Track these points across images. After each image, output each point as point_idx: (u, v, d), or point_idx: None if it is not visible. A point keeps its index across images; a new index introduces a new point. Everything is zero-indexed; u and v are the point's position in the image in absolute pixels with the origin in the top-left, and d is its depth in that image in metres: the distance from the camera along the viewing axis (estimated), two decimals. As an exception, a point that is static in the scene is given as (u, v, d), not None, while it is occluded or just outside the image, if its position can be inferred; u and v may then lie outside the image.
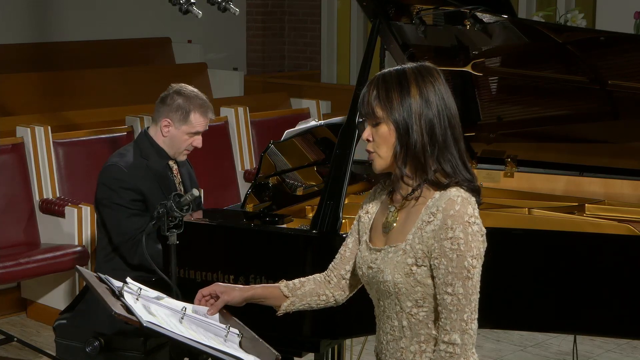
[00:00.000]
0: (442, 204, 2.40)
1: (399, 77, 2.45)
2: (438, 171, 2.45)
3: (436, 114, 2.43)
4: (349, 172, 3.59)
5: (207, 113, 4.22)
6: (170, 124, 4.18)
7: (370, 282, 2.55)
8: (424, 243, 2.42)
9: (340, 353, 4.12)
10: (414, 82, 2.44)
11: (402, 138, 2.43)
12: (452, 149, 2.45)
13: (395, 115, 2.43)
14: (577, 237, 3.55)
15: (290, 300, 2.70)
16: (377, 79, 2.48)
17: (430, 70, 2.48)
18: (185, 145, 4.21)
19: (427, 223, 2.42)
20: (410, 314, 2.46)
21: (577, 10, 6.31)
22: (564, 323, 3.54)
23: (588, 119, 4.24)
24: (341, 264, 2.70)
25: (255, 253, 3.55)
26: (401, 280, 2.44)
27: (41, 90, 7.79)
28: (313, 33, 10.34)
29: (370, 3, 3.92)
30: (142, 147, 4.20)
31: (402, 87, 2.44)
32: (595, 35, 4.09)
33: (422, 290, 2.44)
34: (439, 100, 2.44)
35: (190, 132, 4.19)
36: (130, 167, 4.13)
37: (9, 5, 8.44)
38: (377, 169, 2.52)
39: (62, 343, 4.14)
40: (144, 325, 2.45)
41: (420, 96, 2.43)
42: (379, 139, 2.47)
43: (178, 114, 4.16)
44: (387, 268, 2.46)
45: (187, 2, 4.84)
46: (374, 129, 2.47)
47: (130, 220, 4.07)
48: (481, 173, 4.42)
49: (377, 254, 2.52)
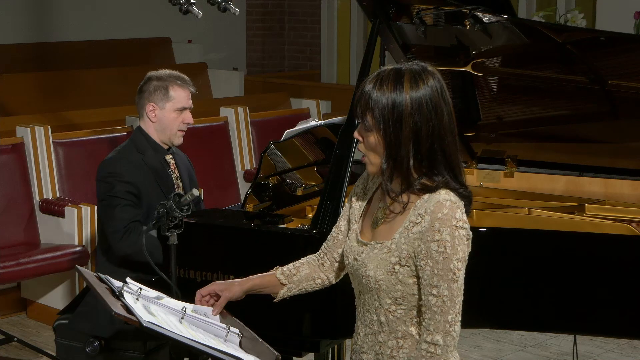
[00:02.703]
0: (431, 207, 2.41)
1: (395, 85, 2.41)
2: (423, 179, 2.43)
3: (428, 129, 2.39)
4: (349, 172, 3.59)
5: (185, 86, 4.22)
6: (155, 107, 4.18)
7: (354, 274, 2.57)
8: (409, 244, 2.43)
9: (340, 353, 4.13)
10: (409, 93, 2.40)
11: (390, 153, 2.42)
12: (439, 164, 2.42)
13: (386, 130, 2.41)
14: (577, 237, 3.54)
15: (287, 287, 2.73)
16: (375, 82, 2.44)
17: (428, 76, 2.43)
18: (176, 124, 4.20)
19: (414, 224, 2.42)
20: (389, 310, 2.48)
21: (577, 10, 6.31)
22: (564, 323, 3.54)
23: (588, 119, 4.24)
24: (334, 247, 2.73)
25: (255, 253, 3.55)
26: (383, 277, 2.46)
27: (41, 90, 7.79)
28: (313, 33, 10.34)
29: (370, 3, 3.92)
30: (137, 143, 4.21)
31: (396, 101, 2.39)
32: (595, 35, 4.09)
33: (402, 289, 2.45)
34: (432, 114, 2.40)
35: (176, 108, 4.18)
36: (126, 161, 4.13)
37: (9, 5, 8.44)
38: (371, 174, 2.54)
39: (62, 343, 4.14)
40: (144, 325, 2.45)
41: (412, 109, 2.39)
42: (368, 146, 2.47)
43: (158, 94, 4.17)
44: (371, 264, 2.48)
45: (187, 2, 4.84)
46: (365, 133, 2.47)
47: (124, 210, 4.06)
48: (481, 173, 4.42)
49: (364, 247, 2.54)
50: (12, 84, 7.68)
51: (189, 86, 4.24)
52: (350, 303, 2.67)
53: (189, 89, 4.23)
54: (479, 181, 4.39)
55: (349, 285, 2.64)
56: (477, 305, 2.44)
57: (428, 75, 2.44)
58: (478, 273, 2.47)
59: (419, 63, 2.47)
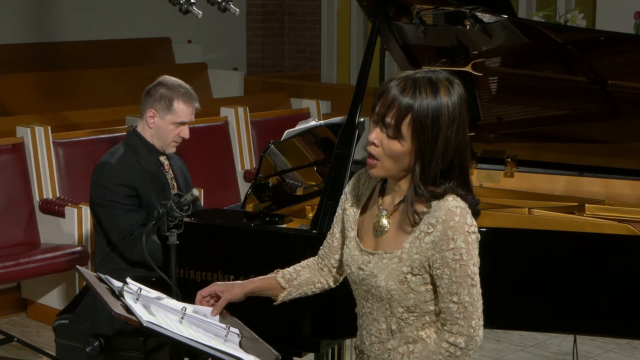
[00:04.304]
0: (442, 215, 2.38)
1: (434, 95, 2.35)
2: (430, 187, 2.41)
3: (455, 143, 2.37)
4: (349, 172, 3.59)
5: (190, 102, 4.21)
6: (155, 115, 4.18)
7: (359, 283, 2.54)
8: (422, 254, 2.41)
9: (340, 353, 4.12)
10: (446, 104, 2.36)
11: (423, 164, 2.37)
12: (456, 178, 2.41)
13: (424, 141, 2.36)
14: (577, 237, 3.54)
15: (287, 291, 2.73)
16: (411, 90, 2.36)
17: (456, 87, 2.39)
18: (172, 136, 4.21)
19: (426, 234, 2.40)
20: (401, 318, 2.47)
21: (577, 10, 6.31)
22: (564, 323, 3.54)
23: (588, 119, 4.24)
24: (330, 254, 2.72)
25: (256, 253, 3.55)
26: (395, 287, 2.44)
27: (41, 90, 7.79)
28: (313, 33, 10.34)
29: (370, 3, 3.92)
30: (131, 145, 4.21)
31: (436, 113, 2.34)
32: (595, 35, 4.09)
33: (415, 297, 2.44)
34: (460, 129, 2.37)
35: (176, 121, 4.19)
36: (121, 164, 4.13)
37: (9, 5, 8.44)
38: (375, 176, 2.49)
39: (62, 343, 4.14)
40: (144, 325, 2.45)
41: (448, 122, 2.35)
42: (389, 153, 2.40)
43: (162, 104, 4.17)
44: (381, 274, 2.46)
45: (187, 2, 4.85)
46: (387, 139, 2.39)
47: (127, 216, 4.07)
48: (481, 173, 4.42)
49: (370, 257, 2.51)
50: (12, 84, 7.68)
51: (194, 102, 4.24)
52: (350, 303, 2.67)
53: (193, 105, 4.23)
54: (479, 181, 4.39)
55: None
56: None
57: (457, 86, 2.41)
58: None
59: (442, 71, 2.42)
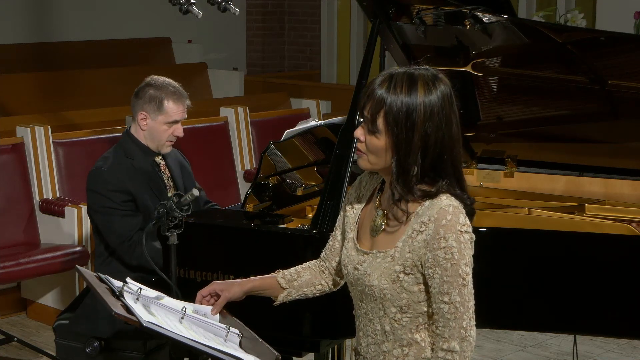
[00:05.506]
0: (434, 214, 2.38)
1: (409, 90, 2.36)
2: (423, 185, 2.41)
3: (437, 138, 2.36)
4: (349, 172, 3.59)
5: (180, 100, 4.19)
6: (147, 116, 4.16)
7: (354, 283, 2.54)
8: (414, 252, 2.40)
9: (340, 353, 4.12)
10: (422, 99, 2.36)
11: (399, 158, 2.38)
12: (447, 174, 2.40)
13: (398, 135, 2.36)
14: (577, 237, 3.54)
15: (287, 292, 2.72)
16: (388, 84, 2.38)
17: (440, 83, 2.40)
18: (165, 136, 4.18)
19: (418, 232, 2.40)
20: (394, 319, 2.46)
21: (577, 10, 6.31)
22: (564, 323, 3.54)
23: (588, 119, 4.24)
24: (332, 256, 2.72)
25: (256, 253, 3.55)
26: (387, 286, 2.43)
27: (41, 90, 7.79)
28: (313, 33, 10.34)
29: (370, 3, 3.92)
30: (125, 148, 4.19)
31: (410, 107, 2.35)
32: (595, 35, 4.09)
33: (408, 297, 2.43)
34: (443, 124, 2.37)
35: (168, 121, 4.16)
36: (115, 169, 4.11)
37: (9, 5, 8.44)
38: (363, 168, 2.51)
39: (62, 343, 4.14)
40: (144, 325, 2.45)
41: (425, 117, 2.35)
42: (372, 148, 2.42)
43: (152, 105, 4.15)
44: (374, 273, 2.45)
45: (187, 2, 4.85)
46: (370, 134, 2.41)
47: (124, 222, 4.06)
48: (481, 173, 4.42)
49: (364, 256, 2.50)
50: (12, 84, 7.68)
51: (185, 99, 4.21)
52: (350, 303, 2.67)
53: (184, 103, 4.20)
54: (479, 181, 4.39)
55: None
56: (477, 305, 2.44)
57: (440, 82, 2.41)
58: (478, 273, 2.47)
59: (429, 68, 2.43)
